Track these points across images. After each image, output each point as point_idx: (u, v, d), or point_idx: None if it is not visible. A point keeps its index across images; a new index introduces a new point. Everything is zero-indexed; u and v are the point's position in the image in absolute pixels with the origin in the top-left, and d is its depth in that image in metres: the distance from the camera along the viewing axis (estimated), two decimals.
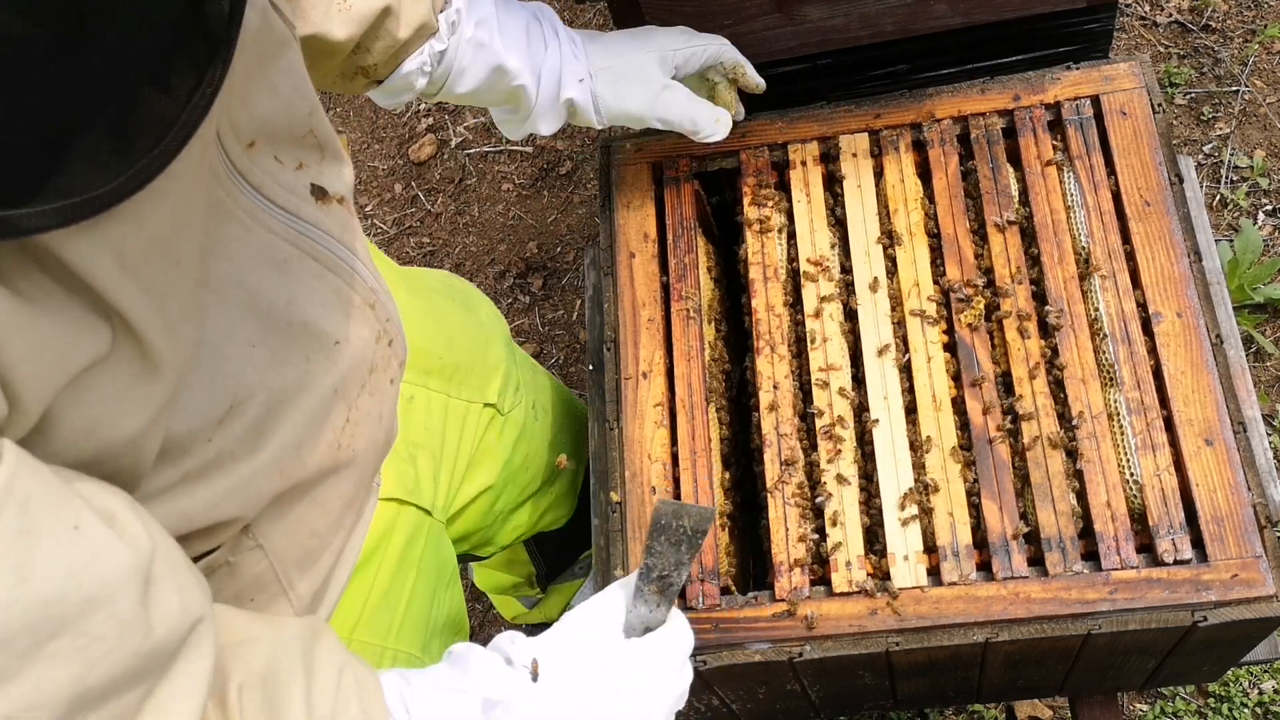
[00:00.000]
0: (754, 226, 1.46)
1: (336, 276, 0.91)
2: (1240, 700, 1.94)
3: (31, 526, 0.59)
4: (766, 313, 1.42)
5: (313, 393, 0.89)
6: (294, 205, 0.85)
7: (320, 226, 0.88)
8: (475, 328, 1.46)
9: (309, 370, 0.88)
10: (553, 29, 1.29)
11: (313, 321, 0.88)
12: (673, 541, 0.99)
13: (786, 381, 1.38)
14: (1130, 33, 2.44)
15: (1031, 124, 1.43)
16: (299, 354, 0.87)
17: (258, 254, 0.81)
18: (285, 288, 0.84)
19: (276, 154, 0.83)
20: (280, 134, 0.84)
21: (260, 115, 0.81)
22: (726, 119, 1.40)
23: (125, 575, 0.64)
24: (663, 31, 1.37)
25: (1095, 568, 1.22)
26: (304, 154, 0.87)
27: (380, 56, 1.16)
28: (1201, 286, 1.32)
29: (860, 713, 1.92)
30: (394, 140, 2.69)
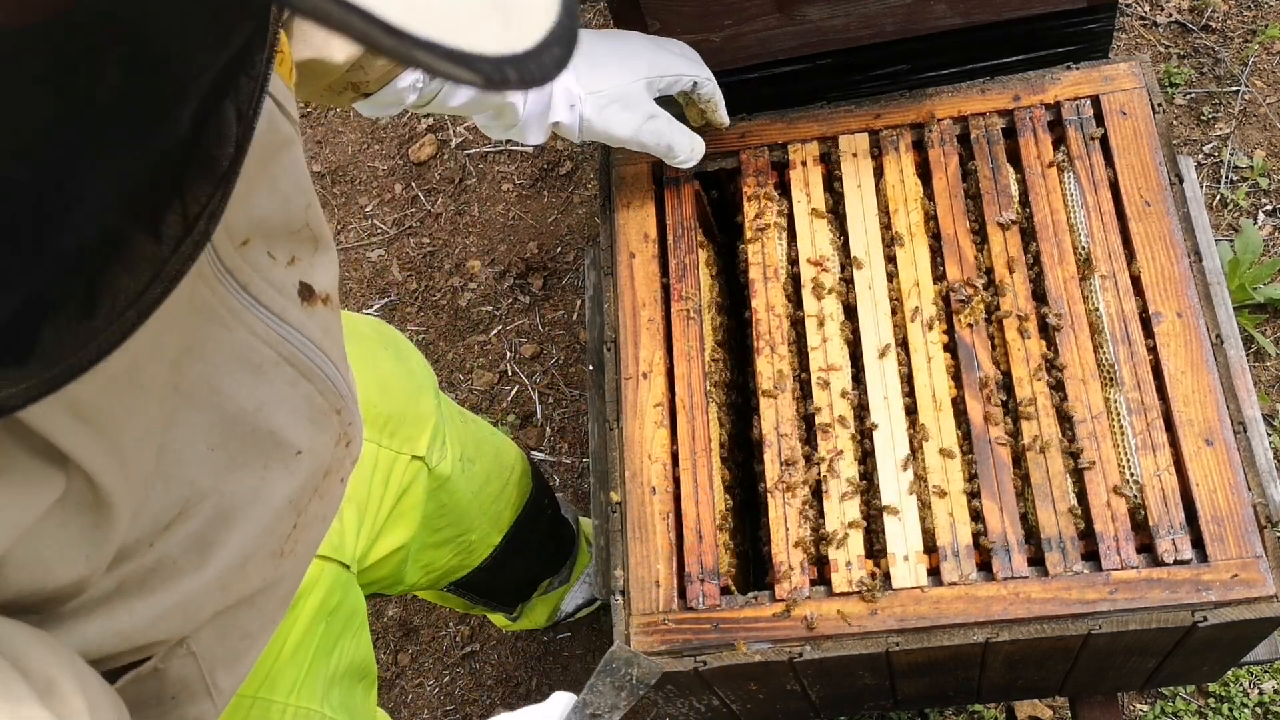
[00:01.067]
0: (754, 226, 1.46)
1: (309, 383, 0.86)
2: (1240, 700, 1.94)
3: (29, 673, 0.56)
4: (766, 313, 1.42)
5: (267, 505, 0.85)
6: (279, 306, 0.81)
7: (303, 330, 0.84)
8: (406, 377, 1.42)
9: (265, 479, 0.83)
10: None
11: (279, 430, 0.83)
12: (616, 685, 1.01)
13: (786, 381, 1.38)
14: (1130, 33, 2.44)
15: (1031, 124, 1.43)
16: (258, 462, 0.82)
17: (234, 355, 0.77)
18: (256, 392, 0.80)
19: (270, 250, 0.79)
20: (276, 230, 0.80)
21: (258, 214, 0.77)
22: (701, 147, 1.42)
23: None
24: (651, 49, 1.35)
25: (1095, 568, 1.22)
26: (297, 248, 0.83)
27: (375, 74, 1.15)
28: (1201, 286, 1.32)
29: (860, 713, 1.92)
30: (394, 140, 2.69)
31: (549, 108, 1.28)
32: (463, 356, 2.47)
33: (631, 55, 1.33)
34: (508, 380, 2.43)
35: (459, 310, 2.51)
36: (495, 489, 1.64)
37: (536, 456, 2.35)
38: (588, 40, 1.33)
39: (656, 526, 1.32)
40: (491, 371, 2.44)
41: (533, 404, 2.39)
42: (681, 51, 1.39)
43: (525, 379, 2.42)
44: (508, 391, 2.42)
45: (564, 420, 2.38)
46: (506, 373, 2.43)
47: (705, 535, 1.31)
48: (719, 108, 1.43)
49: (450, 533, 1.58)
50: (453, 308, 2.51)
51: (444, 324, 2.50)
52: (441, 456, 1.47)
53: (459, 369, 2.46)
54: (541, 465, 2.35)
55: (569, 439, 2.36)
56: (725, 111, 1.44)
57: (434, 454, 1.45)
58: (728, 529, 1.40)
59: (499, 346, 2.46)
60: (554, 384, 2.41)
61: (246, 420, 0.79)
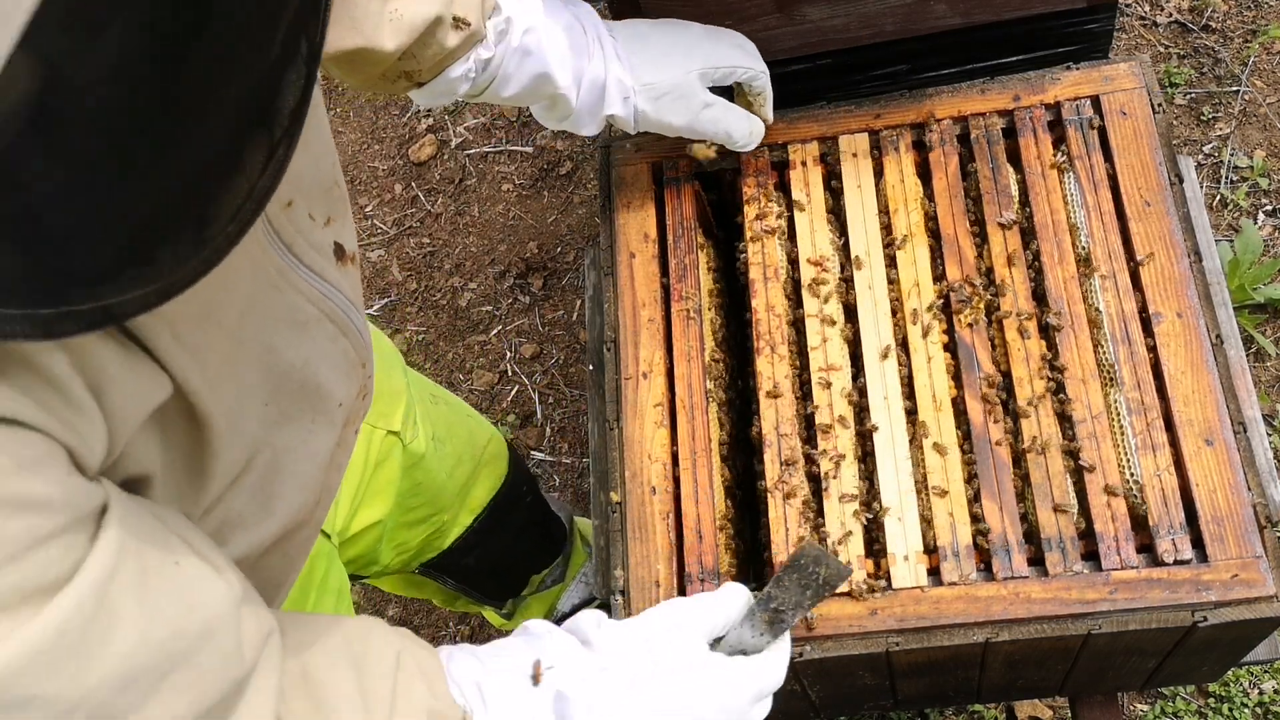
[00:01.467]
0: (754, 226, 1.46)
1: (346, 339, 0.91)
2: (1240, 700, 1.94)
3: (148, 566, 0.60)
4: (766, 313, 1.42)
5: (314, 456, 0.89)
6: (319, 266, 0.84)
7: (339, 288, 0.88)
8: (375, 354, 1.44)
9: (312, 431, 0.87)
10: (596, 35, 1.27)
11: (323, 384, 0.87)
12: (802, 583, 0.99)
13: (786, 381, 1.38)
14: (1130, 33, 2.44)
15: (1031, 124, 1.43)
16: (306, 415, 0.86)
17: (284, 314, 0.81)
18: (303, 349, 0.84)
19: (310, 210, 0.83)
20: (313, 189, 0.84)
21: (295, 173, 0.80)
22: (760, 129, 1.42)
23: (227, 609, 0.66)
24: (707, 40, 1.35)
25: (1095, 568, 1.22)
26: (330, 208, 0.87)
27: (427, 63, 1.16)
28: (1201, 286, 1.32)
29: (860, 713, 1.92)
30: (394, 140, 2.69)
31: (603, 101, 1.29)
32: (463, 356, 2.47)
33: (687, 46, 1.33)
34: (508, 380, 2.43)
35: (459, 310, 2.51)
36: (467, 470, 1.64)
37: (536, 456, 2.35)
38: (643, 31, 1.33)
39: (656, 526, 1.32)
40: (491, 371, 2.44)
41: (533, 404, 2.39)
42: (738, 43, 1.39)
43: (525, 379, 2.42)
44: (508, 391, 2.42)
45: (564, 420, 2.38)
46: (506, 373, 2.43)
47: (705, 535, 1.31)
48: (767, 103, 1.43)
49: (424, 512, 1.58)
50: (453, 308, 2.51)
51: (444, 324, 2.50)
52: (415, 435, 1.47)
53: (459, 369, 2.46)
54: (541, 465, 2.35)
55: (569, 439, 2.36)
56: (771, 109, 1.44)
57: (407, 431, 1.46)
58: (728, 529, 1.40)
59: (499, 346, 2.46)
60: (554, 384, 2.41)
61: (296, 375, 0.83)
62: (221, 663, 0.65)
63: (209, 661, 0.64)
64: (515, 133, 2.64)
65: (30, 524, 0.52)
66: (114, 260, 0.50)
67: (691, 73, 1.32)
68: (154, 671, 0.59)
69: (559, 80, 1.24)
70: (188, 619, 0.62)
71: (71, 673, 0.54)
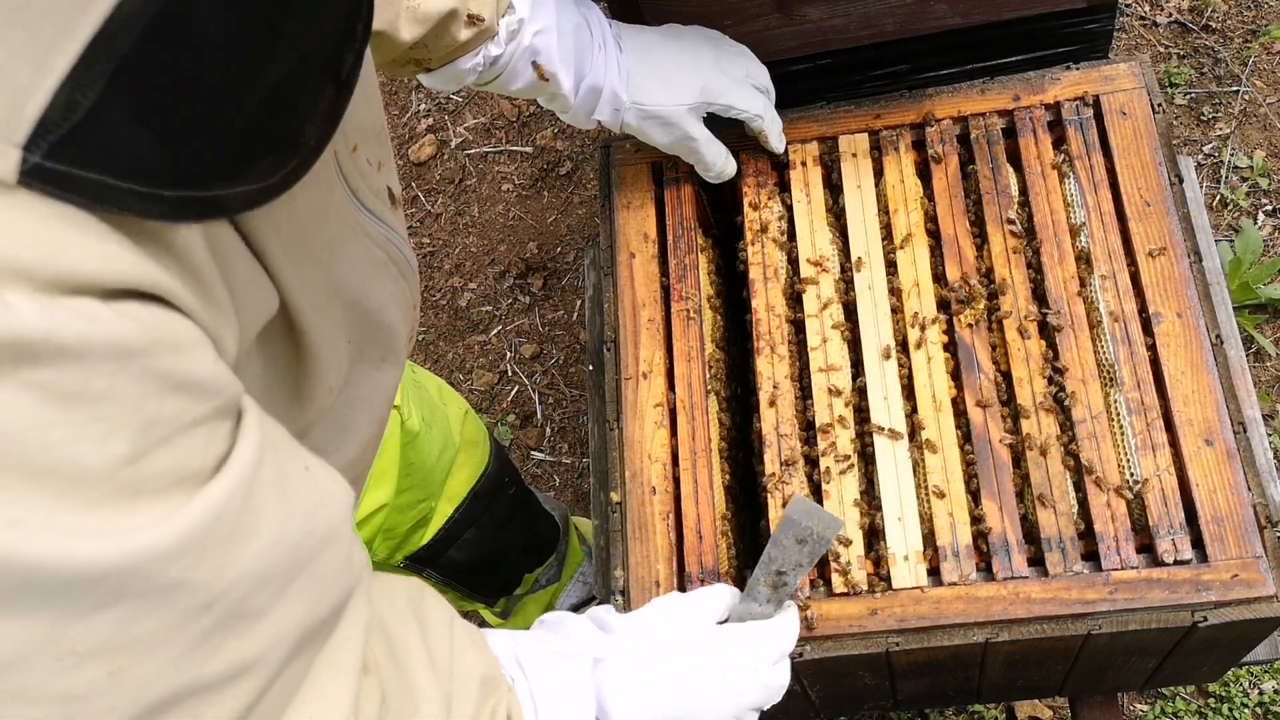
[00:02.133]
0: (754, 227, 1.46)
1: (405, 280, 0.92)
2: (1240, 700, 1.94)
3: (283, 463, 0.60)
4: (766, 313, 1.42)
5: (383, 393, 0.91)
6: (379, 210, 0.86)
7: (397, 231, 0.90)
8: None
9: (382, 370, 0.89)
10: (602, 40, 1.30)
11: (393, 325, 0.89)
12: (799, 539, 1.01)
13: (786, 381, 1.38)
14: (1130, 33, 2.44)
15: (1031, 124, 1.43)
16: (377, 354, 0.88)
17: (360, 257, 0.82)
18: (379, 291, 0.86)
19: (368, 155, 0.85)
20: (369, 133, 0.86)
21: (358, 117, 0.83)
22: (731, 168, 1.46)
23: (345, 514, 0.66)
24: (712, 69, 1.37)
25: (1095, 568, 1.22)
26: (381, 152, 0.89)
27: (437, 53, 1.19)
28: (1201, 287, 1.32)
29: (860, 713, 1.92)
30: (394, 141, 2.69)
31: (596, 107, 1.33)
32: (463, 356, 2.47)
33: (690, 75, 1.35)
34: (508, 380, 2.43)
35: (459, 310, 2.51)
36: (449, 457, 1.64)
37: (536, 456, 2.35)
38: (655, 45, 1.35)
39: (656, 526, 1.32)
40: (491, 371, 2.44)
41: (533, 404, 2.39)
42: (745, 74, 1.40)
43: (525, 379, 2.42)
44: (508, 391, 2.42)
45: (564, 420, 2.38)
46: (506, 373, 2.43)
47: (705, 535, 1.31)
48: (769, 140, 1.45)
49: (414, 496, 1.59)
50: (453, 308, 2.51)
51: (444, 324, 2.50)
52: (410, 412, 1.48)
53: (459, 369, 2.46)
54: (541, 465, 2.35)
55: (569, 439, 2.36)
56: (777, 141, 1.46)
57: (405, 407, 1.46)
58: (728, 529, 1.40)
59: (499, 346, 2.46)
60: (554, 384, 2.41)
61: (373, 316, 0.84)
62: (336, 573, 0.65)
63: (327, 569, 0.63)
64: (515, 133, 2.64)
65: (183, 406, 0.52)
66: (229, 154, 0.52)
67: (683, 106, 1.35)
68: (285, 572, 0.59)
69: (563, 83, 1.28)
70: (315, 520, 0.62)
71: (218, 563, 0.54)
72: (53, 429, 0.45)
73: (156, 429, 0.50)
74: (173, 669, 0.53)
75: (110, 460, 0.48)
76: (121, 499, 0.48)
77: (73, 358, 0.46)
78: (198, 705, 0.55)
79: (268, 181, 0.55)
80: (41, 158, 0.44)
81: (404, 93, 2.74)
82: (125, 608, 0.50)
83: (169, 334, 0.51)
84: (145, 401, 0.49)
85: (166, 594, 0.51)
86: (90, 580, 0.48)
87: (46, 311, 0.44)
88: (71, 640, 0.48)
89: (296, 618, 0.61)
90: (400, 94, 2.74)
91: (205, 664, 0.55)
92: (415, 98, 2.72)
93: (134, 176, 0.47)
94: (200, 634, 0.54)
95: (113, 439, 0.48)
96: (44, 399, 0.45)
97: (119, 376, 0.48)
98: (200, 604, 0.53)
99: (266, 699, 0.60)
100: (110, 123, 0.45)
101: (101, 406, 0.47)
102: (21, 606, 0.46)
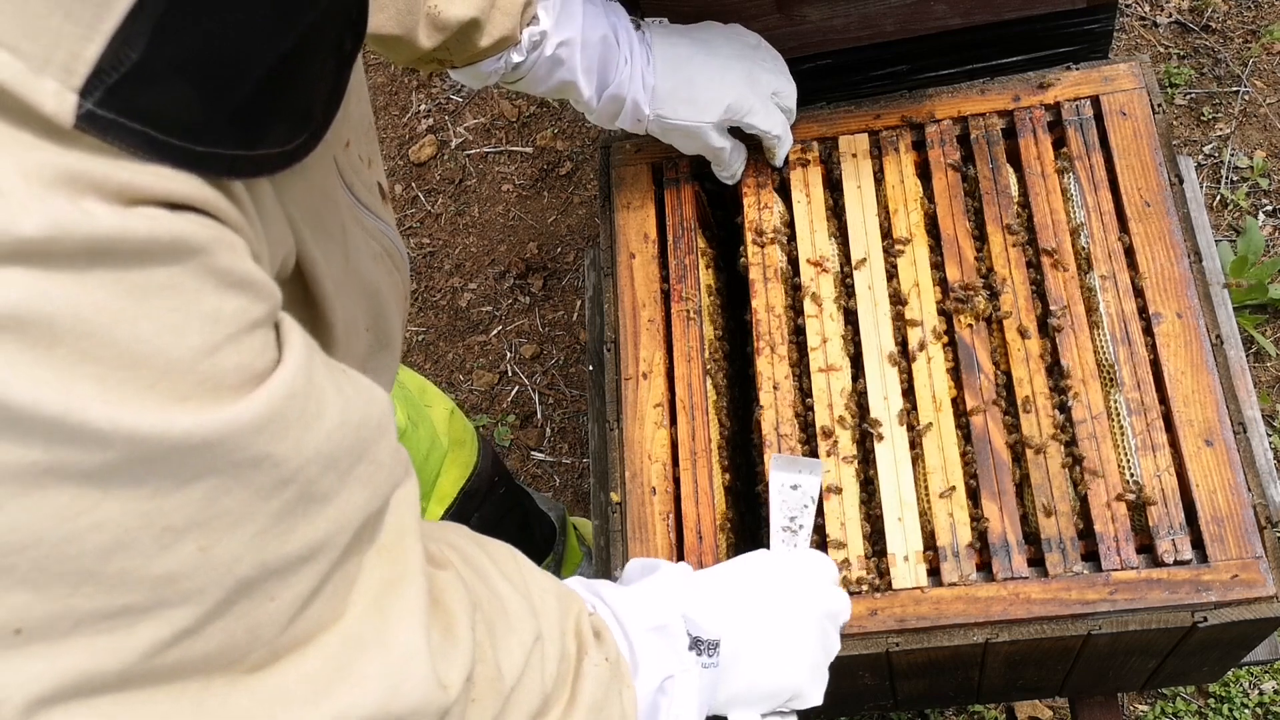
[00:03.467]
0: (754, 227, 1.46)
1: (399, 273, 0.94)
2: (1241, 701, 1.94)
3: (330, 364, 0.63)
4: (766, 313, 1.42)
5: (380, 381, 0.92)
6: (373, 204, 0.88)
7: (390, 224, 0.92)
8: None
9: (383, 361, 0.91)
10: (629, 51, 1.32)
11: (390, 317, 0.91)
12: (793, 485, 1.05)
13: (786, 382, 1.38)
14: (1130, 33, 2.44)
15: (1031, 124, 1.43)
16: (383, 344, 0.90)
17: (364, 247, 0.84)
18: (381, 281, 0.87)
19: (359, 151, 0.87)
20: (360, 129, 0.87)
21: (348, 113, 0.84)
22: (737, 177, 1.49)
23: (389, 410, 0.68)
24: (743, 82, 1.38)
25: (1095, 568, 1.22)
26: (369, 149, 0.90)
27: (459, 57, 1.21)
28: (1202, 287, 1.32)
29: (860, 713, 1.92)
30: (394, 141, 2.69)
31: (619, 116, 1.35)
32: (463, 356, 2.47)
33: (717, 91, 1.36)
34: (508, 380, 2.43)
35: (459, 310, 2.51)
36: (438, 458, 1.64)
37: (536, 457, 2.35)
38: (684, 55, 1.36)
39: (656, 526, 1.32)
40: (491, 372, 2.44)
41: (533, 404, 2.39)
42: (773, 91, 1.41)
43: (525, 379, 2.42)
44: (508, 392, 2.42)
45: (564, 420, 2.38)
46: (506, 373, 2.43)
47: (705, 535, 1.31)
48: (775, 157, 1.47)
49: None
50: (453, 308, 2.51)
51: (444, 324, 2.50)
52: (394, 409, 1.47)
53: (459, 369, 2.46)
54: (541, 465, 2.35)
55: (569, 439, 2.36)
56: (782, 158, 1.48)
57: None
58: (728, 529, 1.40)
59: (499, 347, 2.46)
60: (554, 384, 2.41)
61: (381, 307, 0.86)
62: (390, 463, 0.67)
63: (384, 457, 0.66)
64: (515, 133, 2.64)
65: (243, 305, 0.54)
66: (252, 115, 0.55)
67: (705, 123, 1.37)
68: (348, 455, 0.61)
69: (584, 91, 1.31)
70: (370, 410, 0.64)
71: (296, 437, 0.56)
72: (139, 321, 0.49)
73: (223, 325, 0.53)
74: (255, 547, 0.55)
75: (191, 352, 0.51)
76: (205, 390, 0.52)
77: (146, 256, 0.49)
78: (274, 586, 0.57)
79: (284, 148, 0.58)
80: (94, 104, 0.47)
81: (404, 93, 2.74)
82: (215, 479, 0.52)
83: (224, 238, 0.54)
84: (210, 296, 0.52)
85: (252, 467, 0.54)
86: (187, 450, 0.50)
87: (119, 215, 0.48)
88: (168, 515, 0.51)
89: (359, 504, 0.63)
90: (400, 94, 2.74)
91: (282, 543, 0.57)
92: (415, 98, 2.73)
93: (171, 130, 0.50)
94: (279, 511, 0.56)
95: (188, 331, 0.51)
96: (125, 293, 0.48)
97: (187, 273, 0.51)
98: (279, 479, 0.56)
99: (330, 583, 0.62)
100: (153, 75, 0.49)
101: (174, 299, 0.50)
102: (124, 479, 0.49)
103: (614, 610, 0.92)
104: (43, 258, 0.45)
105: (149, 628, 0.51)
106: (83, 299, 0.46)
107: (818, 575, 1.09)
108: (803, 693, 1.02)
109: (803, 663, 1.02)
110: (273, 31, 0.54)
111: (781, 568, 1.07)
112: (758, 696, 1.00)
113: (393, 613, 0.65)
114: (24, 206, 0.44)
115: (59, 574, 0.48)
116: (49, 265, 0.45)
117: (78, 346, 0.46)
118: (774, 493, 1.07)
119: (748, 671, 0.98)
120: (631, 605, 0.93)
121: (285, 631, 0.58)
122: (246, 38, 0.53)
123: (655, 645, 0.92)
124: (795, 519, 1.07)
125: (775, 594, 1.03)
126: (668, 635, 0.92)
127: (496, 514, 1.80)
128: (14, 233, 0.44)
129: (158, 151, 0.50)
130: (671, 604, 0.95)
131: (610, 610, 0.92)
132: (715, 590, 0.99)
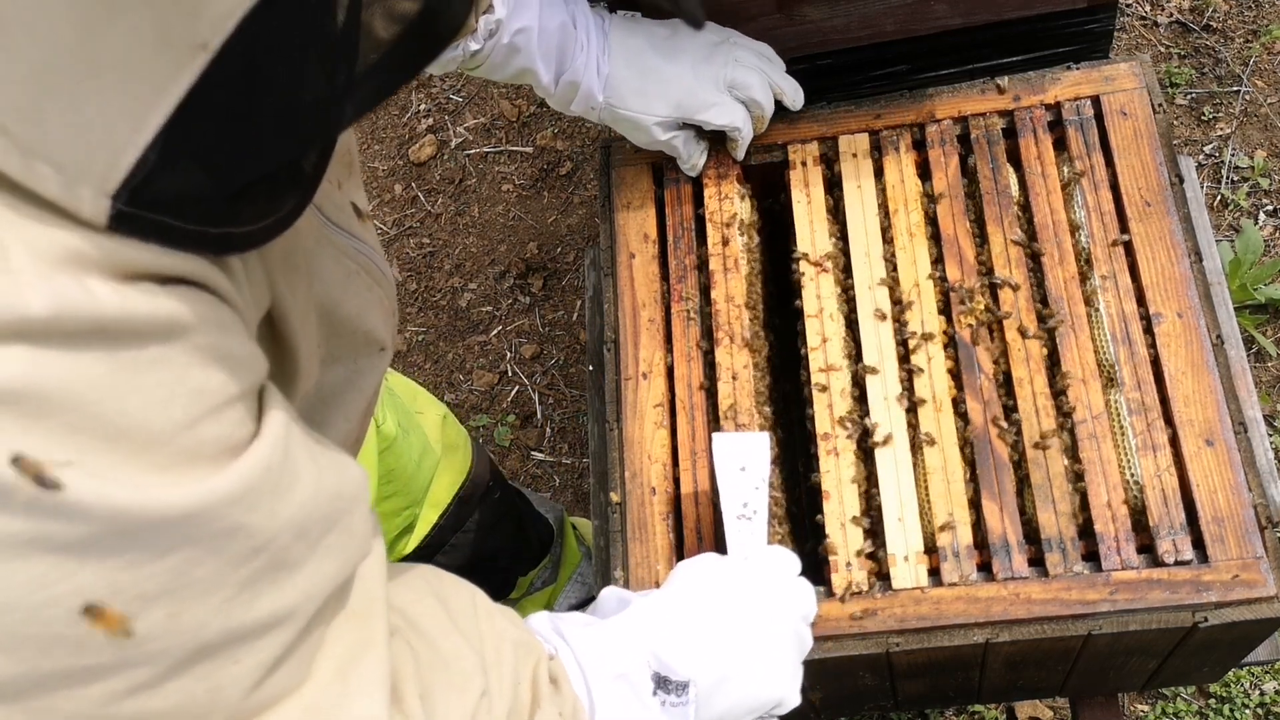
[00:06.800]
0: (716, 220, 1.46)
1: (380, 288, 0.95)
2: (1241, 701, 1.94)
3: (306, 436, 0.64)
4: (725, 303, 1.41)
5: (361, 391, 0.93)
6: (346, 223, 0.89)
7: (367, 241, 0.93)
8: None
9: (357, 368, 0.92)
10: (585, 38, 1.34)
11: (372, 331, 0.92)
12: (740, 466, 1.02)
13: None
14: (1131, 33, 2.44)
15: (1031, 124, 1.43)
16: (349, 355, 0.91)
17: (333, 267, 0.85)
18: (354, 300, 0.89)
19: (329, 176, 0.87)
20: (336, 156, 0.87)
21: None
22: (700, 166, 1.49)
23: (364, 481, 0.70)
24: (692, 78, 1.38)
25: (1096, 568, 1.22)
26: (340, 172, 0.91)
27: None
28: (1202, 287, 1.32)
29: (861, 713, 1.92)
30: (394, 141, 2.69)
31: (573, 101, 1.38)
32: (463, 357, 2.47)
33: (664, 88, 1.38)
34: (508, 380, 2.43)
35: (459, 310, 2.51)
36: (431, 464, 1.64)
37: (536, 457, 2.35)
38: (640, 49, 1.37)
39: (656, 527, 1.32)
40: (491, 372, 2.44)
41: (533, 404, 2.39)
42: (730, 84, 1.41)
43: (525, 379, 2.42)
44: (508, 392, 2.42)
45: (564, 420, 2.38)
46: (506, 373, 2.43)
47: (705, 535, 1.31)
48: (737, 150, 1.48)
49: (397, 503, 1.59)
50: (453, 308, 2.51)
51: (444, 324, 2.50)
52: (384, 417, 1.49)
53: (459, 369, 2.46)
54: (541, 465, 2.35)
55: (569, 439, 2.36)
56: (741, 152, 1.48)
57: (379, 412, 1.47)
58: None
59: (499, 347, 2.46)
60: (554, 384, 2.41)
61: (350, 325, 0.88)
62: (362, 534, 0.69)
63: (356, 527, 0.67)
64: (515, 133, 2.64)
65: (226, 379, 0.56)
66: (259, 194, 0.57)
67: (651, 117, 1.39)
68: (320, 525, 0.63)
69: (542, 77, 1.34)
70: (343, 482, 0.66)
71: (270, 508, 0.58)
72: (128, 396, 0.50)
73: (205, 399, 0.54)
74: (222, 613, 0.57)
75: (172, 425, 0.52)
76: (182, 462, 0.53)
77: (140, 333, 0.51)
78: (237, 650, 0.58)
79: (279, 215, 0.59)
80: (124, 205, 0.49)
81: (404, 93, 2.74)
82: (190, 550, 0.54)
83: (213, 315, 0.56)
84: (196, 372, 0.54)
85: (226, 537, 0.55)
86: (164, 524, 0.52)
87: (119, 294, 0.49)
88: (141, 584, 0.52)
89: (329, 573, 0.64)
90: (400, 94, 2.74)
91: (249, 610, 0.58)
92: (415, 97, 2.72)
93: (188, 217, 0.52)
94: (248, 579, 0.58)
95: (172, 405, 0.53)
96: (119, 369, 0.50)
97: (177, 349, 0.53)
98: (252, 548, 0.57)
99: (296, 651, 0.63)
100: (176, 168, 0.50)
101: (163, 374, 0.52)
102: (102, 551, 0.50)
103: (576, 655, 0.92)
104: (45, 336, 0.47)
105: (107, 682, 0.53)
106: (78, 374, 0.48)
107: (782, 576, 1.07)
108: (784, 700, 1.02)
109: (785, 673, 1.02)
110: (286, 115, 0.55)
111: (748, 580, 1.04)
112: (742, 712, 0.99)
113: (353, 682, 0.67)
114: (33, 286, 0.46)
115: (28, 637, 0.49)
116: (50, 343, 0.47)
117: (66, 420, 0.48)
118: (722, 478, 1.02)
119: (732, 694, 0.98)
120: (595, 650, 0.93)
121: (250, 695, 0.60)
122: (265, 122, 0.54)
123: (616, 693, 0.91)
124: (748, 505, 1.02)
125: (748, 614, 1.01)
126: (629, 683, 0.92)
127: (492, 518, 1.80)
128: (21, 311, 0.45)
129: (175, 239, 0.52)
130: (638, 647, 0.94)
131: (573, 654, 0.92)
132: (685, 625, 0.98)
